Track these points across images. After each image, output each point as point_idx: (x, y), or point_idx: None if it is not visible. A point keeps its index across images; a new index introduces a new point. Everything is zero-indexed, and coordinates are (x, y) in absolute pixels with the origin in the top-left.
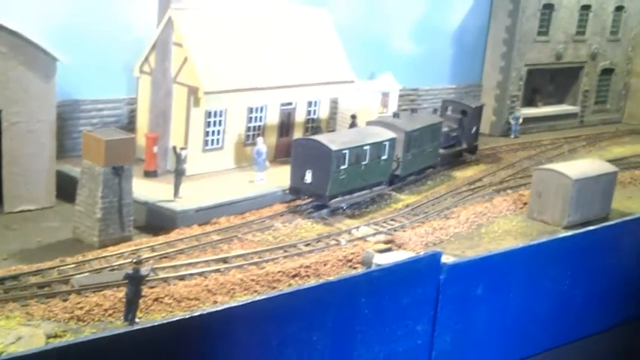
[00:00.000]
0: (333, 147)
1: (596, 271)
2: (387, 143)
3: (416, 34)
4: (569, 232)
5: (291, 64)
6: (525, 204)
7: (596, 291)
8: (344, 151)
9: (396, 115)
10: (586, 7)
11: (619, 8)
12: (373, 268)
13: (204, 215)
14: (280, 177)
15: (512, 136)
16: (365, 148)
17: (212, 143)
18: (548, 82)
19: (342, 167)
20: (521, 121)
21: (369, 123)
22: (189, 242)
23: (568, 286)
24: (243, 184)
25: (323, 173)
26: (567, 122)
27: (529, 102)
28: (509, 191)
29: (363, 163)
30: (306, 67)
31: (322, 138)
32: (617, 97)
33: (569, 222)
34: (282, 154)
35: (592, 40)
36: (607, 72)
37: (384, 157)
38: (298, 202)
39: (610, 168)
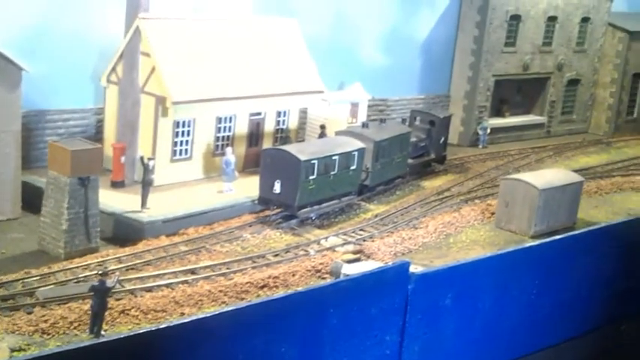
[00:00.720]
0: (302, 157)
1: (563, 280)
2: (355, 153)
3: (385, 45)
4: (536, 242)
5: (260, 74)
6: (493, 214)
7: (563, 299)
8: (313, 161)
9: (364, 125)
10: (552, 19)
11: (585, 20)
12: (341, 278)
13: (172, 226)
14: (249, 187)
15: (480, 146)
16: (334, 158)
17: (180, 153)
18: (515, 92)
19: (311, 177)
20: (489, 131)
21: (337, 133)
22: (156, 253)
23: (535, 295)
24: (212, 194)
25: (292, 183)
26: (534, 132)
27: (497, 112)
28: (477, 201)
29: (332, 173)
30: (275, 77)
31: (291, 148)
32: (584, 107)
33: (535, 231)
34: (251, 164)
35: (558, 51)
36: (573, 82)
37: (352, 167)
38: (267, 212)
39: (576, 178)
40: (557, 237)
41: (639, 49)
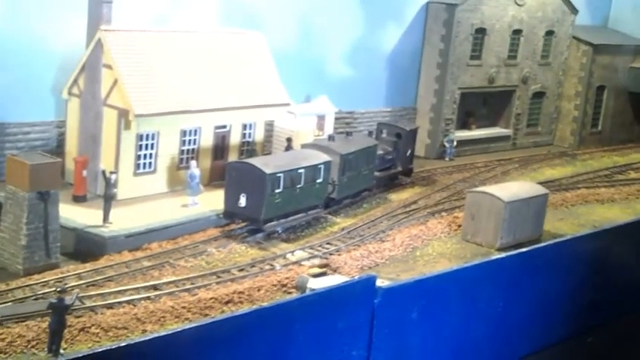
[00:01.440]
0: (268, 170)
1: (529, 293)
2: (322, 166)
3: (351, 58)
4: (502, 255)
5: (226, 86)
6: (460, 226)
7: (529, 312)
8: (279, 175)
9: (331, 138)
10: (517, 32)
11: (549, 33)
12: (307, 293)
13: (134, 241)
14: (215, 201)
15: (446, 159)
16: (300, 171)
17: (144, 167)
18: (481, 105)
19: (277, 191)
20: (455, 143)
21: (304, 146)
22: (118, 269)
23: (502, 307)
24: (176, 208)
25: (257, 197)
26: (500, 145)
27: (463, 125)
28: (443, 214)
29: (299, 186)
30: (240, 90)
31: (256, 161)
32: (549, 120)
33: (501, 244)
34: (217, 177)
35: (523, 64)
36: (538, 95)
37: (319, 181)
38: (233, 226)
39: (541, 190)
40: (523, 250)
41: (603, 62)
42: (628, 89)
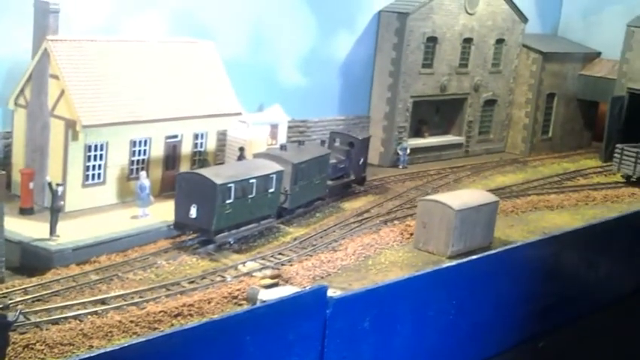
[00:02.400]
0: (218, 181)
1: (481, 300)
2: (274, 176)
3: (304, 66)
4: (453, 263)
5: (176, 96)
6: (412, 234)
7: (481, 319)
8: (229, 185)
9: (283, 147)
10: (468, 40)
11: (500, 41)
12: (258, 304)
13: (82, 254)
14: (165, 212)
15: (400, 167)
16: (251, 181)
17: (93, 178)
18: (434, 113)
19: (228, 201)
20: (408, 151)
21: (256, 155)
22: (65, 283)
23: (454, 315)
24: (126, 220)
25: (208, 208)
26: (453, 152)
27: (416, 133)
28: (396, 222)
29: (250, 196)
30: (191, 100)
31: (206, 172)
32: (500, 127)
33: (452, 252)
34: (168, 187)
35: (474, 72)
36: (490, 103)
37: (271, 190)
38: (184, 237)
39: (491, 198)
40: (473, 257)
41: (553, 69)
42: (577, 96)
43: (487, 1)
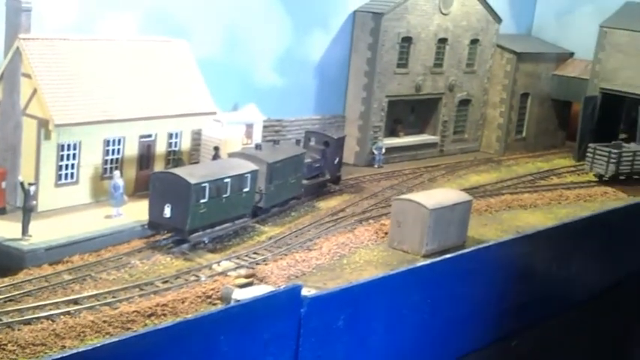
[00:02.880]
0: (192, 180)
1: (455, 299)
2: (248, 175)
3: (280, 66)
4: (427, 261)
5: (150, 95)
6: (386, 233)
7: (455, 318)
8: (203, 185)
9: (258, 146)
10: (443, 41)
11: (474, 41)
12: (232, 304)
13: (55, 254)
14: (139, 211)
15: (375, 166)
16: (226, 180)
17: (66, 177)
18: (409, 112)
19: (202, 201)
20: (384, 151)
21: (230, 155)
22: (37, 283)
23: (428, 314)
24: (100, 219)
25: (182, 207)
26: (428, 152)
27: (391, 132)
28: (371, 221)
29: (225, 196)
30: (165, 99)
31: (181, 171)
32: (475, 126)
33: (427, 251)
34: (142, 187)
35: (449, 73)
36: (464, 103)
37: (246, 190)
38: (158, 237)
39: (465, 197)
40: (447, 256)
41: (527, 69)
42: (551, 96)
43: (461, 2)
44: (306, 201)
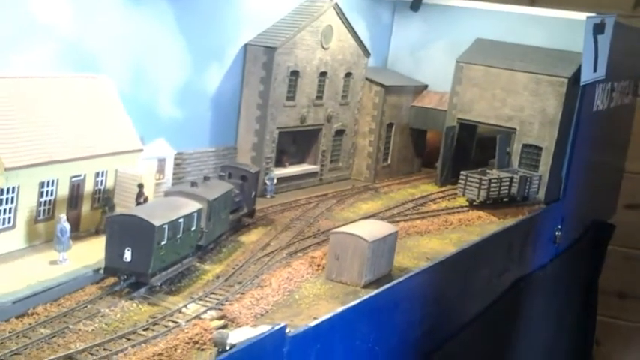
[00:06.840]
0: (156, 222)
1: (393, 325)
2: (195, 214)
3: (179, 99)
4: (373, 292)
5: (81, 134)
6: (319, 266)
7: (390, 343)
8: (164, 226)
9: (194, 184)
10: (323, 74)
11: (348, 74)
12: (231, 349)
13: (21, 306)
14: (79, 255)
15: (268, 197)
16: (180, 220)
17: (3, 223)
18: (291, 143)
19: (162, 242)
20: (275, 181)
21: (168, 193)
22: (19, 340)
23: (372, 341)
24: (46, 266)
25: (145, 250)
26: (310, 181)
27: (277, 163)
28: (299, 254)
29: (178, 236)
30: (95, 137)
31: (140, 213)
32: (347, 155)
33: (365, 281)
34: (73, 228)
35: (328, 104)
36: (339, 133)
37: (193, 229)
38: (108, 282)
39: (391, 228)
40: (389, 285)
41: (392, 101)
42: (410, 126)
43: (338, 37)
44: (229, 236)
